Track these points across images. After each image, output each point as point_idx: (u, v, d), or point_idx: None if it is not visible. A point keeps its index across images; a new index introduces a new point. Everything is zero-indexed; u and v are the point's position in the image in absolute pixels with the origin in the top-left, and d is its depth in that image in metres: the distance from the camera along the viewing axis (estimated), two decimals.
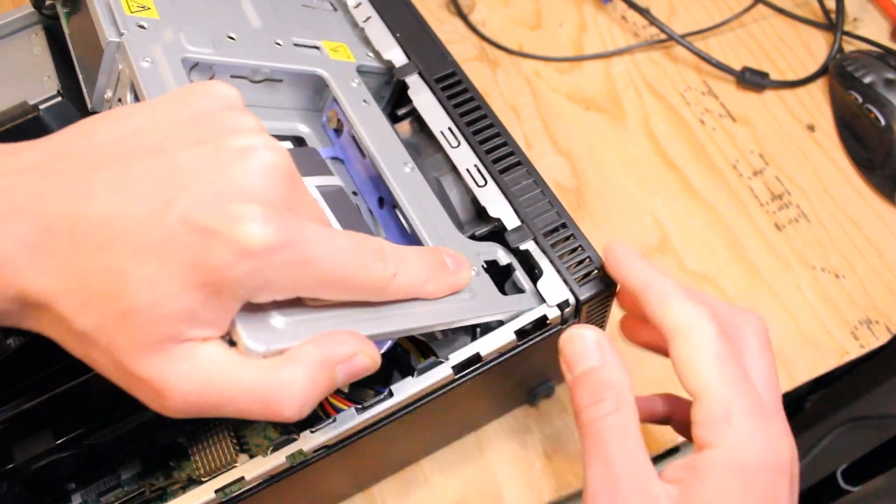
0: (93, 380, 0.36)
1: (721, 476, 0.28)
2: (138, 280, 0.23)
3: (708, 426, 0.29)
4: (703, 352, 0.30)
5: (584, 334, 0.32)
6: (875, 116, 0.54)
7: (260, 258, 0.24)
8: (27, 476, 0.37)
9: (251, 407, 0.26)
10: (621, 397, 0.30)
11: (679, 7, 0.64)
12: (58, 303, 0.24)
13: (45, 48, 0.43)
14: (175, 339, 0.24)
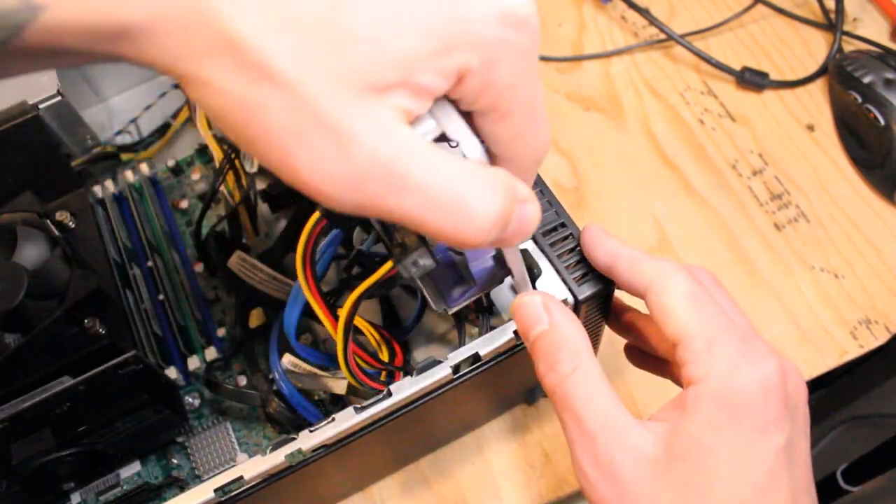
0: (93, 379, 0.37)
1: (708, 408, 0.27)
2: (367, 4, 0.20)
3: (691, 363, 0.28)
4: (678, 296, 0.30)
5: (530, 300, 0.31)
6: (874, 116, 0.54)
7: (514, 28, 0.22)
8: (26, 475, 0.37)
9: (437, 207, 0.22)
10: (576, 354, 0.29)
11: (679, 7, 0.64)
12: (246, 18, 0.20)
13: None
14: (382, 91, 0.21)
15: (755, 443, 0.27)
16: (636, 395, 0.48)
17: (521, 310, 0.31)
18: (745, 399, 0.27)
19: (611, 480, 0.28)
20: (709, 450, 0.27)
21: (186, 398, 0.45)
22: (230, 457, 0.43)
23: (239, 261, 0.43)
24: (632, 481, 0.27)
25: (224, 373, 0.46)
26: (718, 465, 0.26)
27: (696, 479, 0.27)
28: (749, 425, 0.27)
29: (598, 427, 0.28)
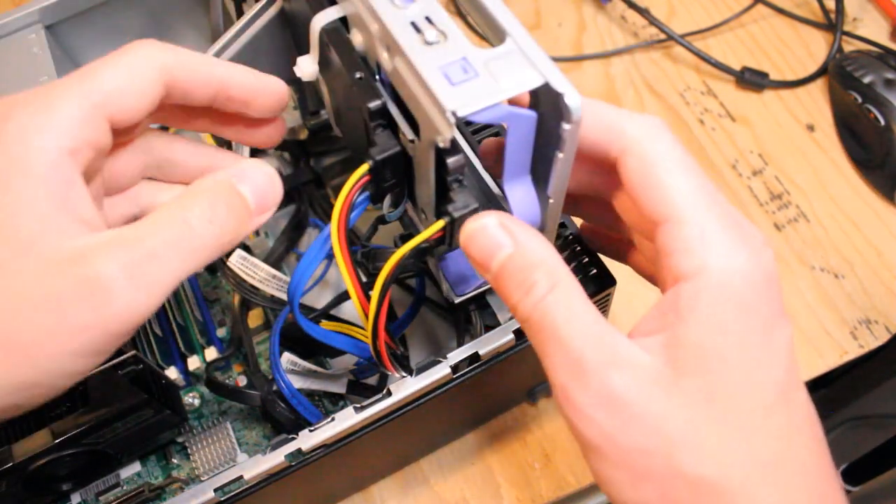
0: (92, 379, 0.37)
1: (709, 309, 0.24)
2: None
3: (683, 253, 0.24)
4: (668, 163, 0.25)
5: (483, 224, 0.26)
6: (874, 116, 0.54)
7: None
8: (26, 475, 0.37)
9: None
10: (553, 271, 0.25)
11: (678, 7, 0.64)
12: None
13: (45, 48, 0.43)
14: None
15: (767, 342, 0.24)
16: None
17: (475, 238, 0.26)
18: (750, 294, 0.24)
19: (610, 408, 0.24)
20: (720, 357, 0.23)
21: (186, 398, 0.45)
22: (230, 457, 0.43)
23: (239, 260, 0.43)
24: (636, 404, 0.23)
25: (224, 373, 0.46)
26: (733, 373, 0.23)
27: (712, 392, 0.23)
28: (757, 323, 0.24)
29: (586, 348, 0.24)
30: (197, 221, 0.25)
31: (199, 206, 0.26)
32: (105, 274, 0.23)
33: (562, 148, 0.26)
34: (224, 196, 0.27)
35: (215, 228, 0.26)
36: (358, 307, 0.33)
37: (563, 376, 0.25)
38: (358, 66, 0.30)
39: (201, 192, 0.27)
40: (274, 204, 0.28)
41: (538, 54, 0.26)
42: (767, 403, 0.24)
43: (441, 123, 0.25)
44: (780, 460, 0.23)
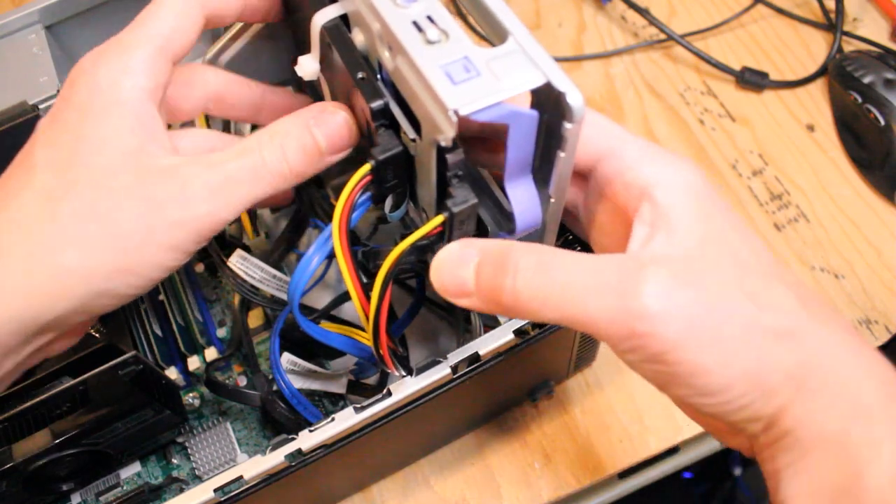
0: (92, 380, 0.37)
1: (691, 203, 0.27)
2: None
3: (637, 166, 0.27)
4: (595, 117, 0.29)
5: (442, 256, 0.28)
6: (874, 116, 0.54)
7: None
8: (26, 475, 0.37)
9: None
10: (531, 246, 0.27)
11: (679, 7, 0.64)
12: None
13: (45, 48, 0.43)
14: None
15: (737, 219, 0.28)
16: (636, 395, 0.48)
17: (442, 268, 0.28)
18: (705, 188, 0.27)
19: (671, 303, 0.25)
20: (720, 239, 0.26)
21: (186, 398, 0.45)
22: (230, 457, 0.43)
23: (239, 260, 0.43)
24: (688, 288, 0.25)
25: (224, 373, 0.46)
26: (738, 246, 0.26)
27: (732, 263, 0.26)
28: (724, 208, 0.27)
29: (610, 269, 0.25)
30: (270, 157, 0.30)
31: (275, 143, 0.30)
32: (193, 184, 0.29)
33: (563, 147, 0.26)
34: (297, 137, 0.31)
35: (284, 165, 0.31)
36: (358, 307, 0.33)
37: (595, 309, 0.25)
38: (360, 66, 0.30)
39: (279, 132, 0.31)
40: (346, 146, 0.32)
41: (540, 54, 0.26)
42: (769, 262, 0.27)
43: (443, 122, 0.25)
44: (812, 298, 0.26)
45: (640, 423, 0.47)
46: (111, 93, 0.30)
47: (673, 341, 0.24)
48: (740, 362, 0.25)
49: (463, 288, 0.27)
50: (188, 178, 0.29)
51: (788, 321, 0.25)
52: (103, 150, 0.29)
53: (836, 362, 0.25)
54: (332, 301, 0.43)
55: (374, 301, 0.31)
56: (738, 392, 0.25)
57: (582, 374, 0.49)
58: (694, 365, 0.25)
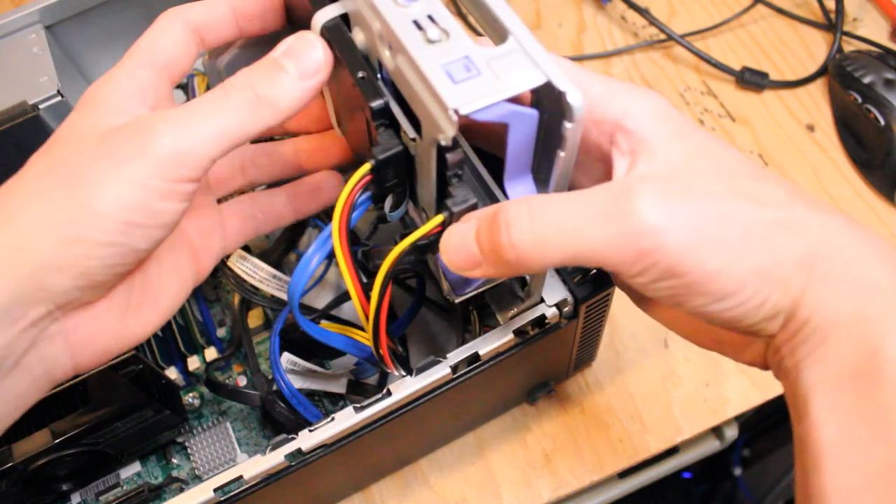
0: (92, 379, 0.37)
1: (666, 125, 0.27)
2: None
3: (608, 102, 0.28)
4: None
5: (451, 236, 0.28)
6: (874, 116, 0.54)
7: None
8: (26, 475, 0.37)
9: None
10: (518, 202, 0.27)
11: (679, 7, 0.64)
12: None
13: (45, 48, 0.43)
14: None
15: (710, 135, 0.28)
16: (636, 395, 0.48)
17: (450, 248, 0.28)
18: (672, 111, 0.28)
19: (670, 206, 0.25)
20: (701, 151, 0.27)
21: (186, 398, 0.45)
22: (230, 457, 0.43)
23: (239, 260, 0.43)
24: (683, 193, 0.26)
25: (224, 373, 0.46)
26: (720, 154, 0.27)
27: (719, 171, 0.27)
28: (696, 126, 0.28)
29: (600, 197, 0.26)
30: (234, 84, 0.30)
31: (239, 75, 0.30)
32: (153, 122, 0.29)
33: (563, 146, 0.26)
34: (263, 64, 0.30)
35: (249, 91, 0.30)
36: (358, 307, 0.33)
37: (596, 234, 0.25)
38: (360, 65, 0.30)
39: (246, 68, 0.30)
40: (318, 70, 0.30)
41: (540, 53, 0.26)
42: (748, 165, 0.28)
43: (443, 121, 0.25)
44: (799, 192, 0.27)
45: (640, 423, 0.47)
46: (92, 96, 0.31)
47: (681, 251, 0.25)
48: (750, 258, 0.25)
49: (472, 259, 0.28)
50: (148, 119, 0.29)
51: (787, 213, 0.26)
52: (77, 126, 0.30)
53: (840, 246, 0.26)
54: (332, 301, 0.43)
55: (373, 301, 0.31)
56: (753, 289, 0.25)
57: (582, 374, 0.49)
58: (706, 269, 0.25)
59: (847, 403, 0.24)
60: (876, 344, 0.24)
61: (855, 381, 0.24)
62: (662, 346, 0.49)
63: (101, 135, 0.29)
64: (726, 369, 0.49)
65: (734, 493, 0.87)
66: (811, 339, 0.25)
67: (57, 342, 0.30)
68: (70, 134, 0.30)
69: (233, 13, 0.34)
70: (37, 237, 0.27)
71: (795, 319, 0.26)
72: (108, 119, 0.29)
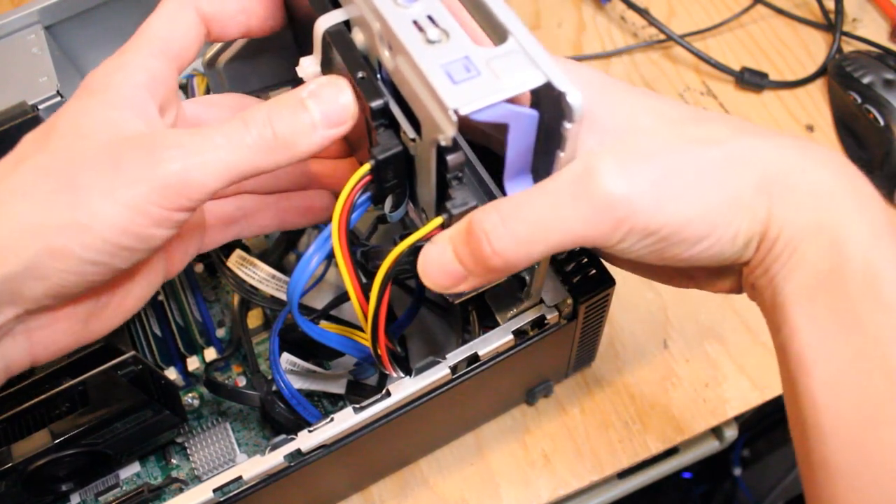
0: (92, 380, 0.37)
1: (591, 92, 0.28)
2: None
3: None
4: None
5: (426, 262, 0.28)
6: (874, 117, 0.54)
7: None
8: (25, 476, 0.37)
9: None
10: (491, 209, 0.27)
11: (678, 7, 0.64)
12: None
13: (44, 48, 0.43)
14: None
15: (643, 90, 0.30)
16: (636, 395, 0.48)
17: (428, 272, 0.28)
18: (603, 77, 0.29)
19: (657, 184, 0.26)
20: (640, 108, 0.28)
21: (186, 398, 0.45)
22: (229, 457, 0.43)
23: (239, 260, 0.43)
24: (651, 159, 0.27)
25: (224, 373, 0.46)
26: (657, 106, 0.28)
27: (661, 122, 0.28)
28: (627, 86, 0.29)
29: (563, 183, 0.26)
30: (252, 120, 0.28)
31: (261, 110, 0.29)
32: (164, 142, 0.27)
33: (563, 147, 0.26)
34: (287, 104, 0.29)
35: (268, 130, 0.28)
36: (357, 308, 0.33)
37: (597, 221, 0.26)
38: (360, 66, 0.30)
39: (271, 101, 0.29)
40: (344, 120, 0.29)
41: (540, 53, 0.26)
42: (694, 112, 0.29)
43: (443, 122, 0.25)
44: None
45: (639, 423, 0.47)
46: (102, 81, 0.29)
47: (650, 210, 0.26)
48: (712, 197, 0.26)
49: (456, 276, 0.28)
50: (161, 137, 0.28)
51: (735, 146, 0.27)
52: (82, 119, 0.28)
53: (791, 164, 0.27)
54: (331, 301, 0.43)
55: (372, 302, 0.31)
56: (723, 224, 0.27)
57: (581, 374, 0.49)
58: (677, 220, 0.26)
59: (820, 304, 0.26)
60: (839, 244, 0.26)
61: (825, 282, 0.26)
62: (662, 347, 0.49)
63: (108, 141, 0.28)
64: (726, 370, 0.49)
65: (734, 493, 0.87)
66: (783, 253, 0.27)
67: (19, 340, 0.30)
68: (74, 127, 0.28)
69: (243, 10, 0.33)
70: (21, 241, 0.26)
71: (767, 239, 0.27)
72: (117, 116, 0.28)
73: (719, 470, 0.87)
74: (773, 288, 0.28)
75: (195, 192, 0.28)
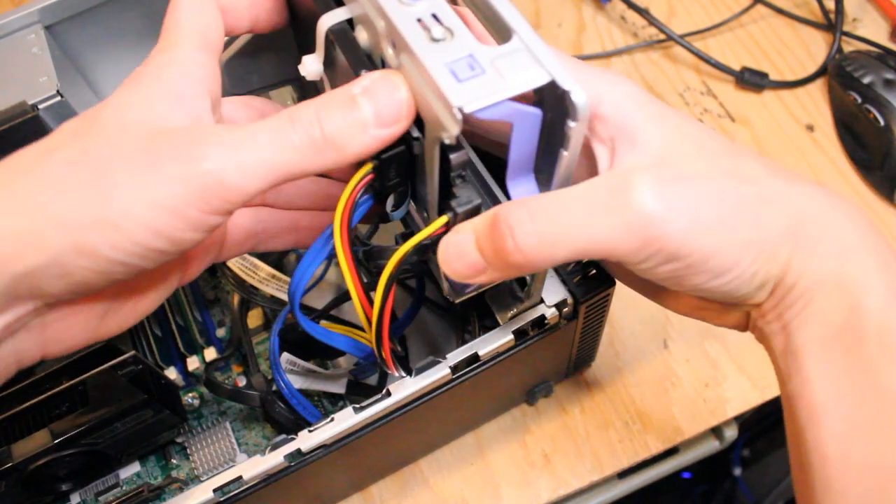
0: (91, 379, 0.37)
1: (644, 109, 0.28)
2: None
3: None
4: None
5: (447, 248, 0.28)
6: (874, 117, 0.54)
7: None
8: (25, 475, 0.37)
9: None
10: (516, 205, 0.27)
11: (678, 7, 0.64)
12: None
13: (44, 48, 0.43)
14: None
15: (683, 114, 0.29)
16: (636, 395, 0.48)
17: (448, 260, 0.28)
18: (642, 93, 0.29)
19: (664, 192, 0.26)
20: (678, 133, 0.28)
21: (186, 398, 0.45)
22: (229, 457, 0.43)
23: (239, 260, 0.43)
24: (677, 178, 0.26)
25: (224, 373, 0.46)
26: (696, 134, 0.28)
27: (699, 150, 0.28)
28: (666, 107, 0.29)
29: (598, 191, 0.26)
30: (300, 118, 0.27)
31: (310, 107, 0.27)
32: (205, 140, 0.26)
33: (567, 146, 0.26)
34: (338, 102, 0.27)
35: (316, 128, 0.27)
36: (358, 308, 0.32)
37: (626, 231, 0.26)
38: (363, 64, 0.29)
39: (320, 98, 0.27)
40: (398, 119, 0.27)
41: (544, 52, 0.26)
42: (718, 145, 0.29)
43: (447, 120, 0.25)
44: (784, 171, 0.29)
45: (639, 424, 0.47)
46: (154, 74, 0.28)
47: (682, 235, 0.26)
48: (743, 233, 0.26)
49: (475, 267, 0.28)
50: (201, 134, 0.26)
51: (768, 187, 0.27)
52: (125, 111, 0.27)
53: (818, 213, 0.27)
54: (332, 301, 0.43)
55: (377, 303, 0.31)
56: (747, 262, 0.26)
57: (582, 375, 0.49)
58: (705, 250, 0.26)
59: (835, 358, 0.26)
60: (857, 300, 0.26)
61: (840, 336, 0.26)
62: (662, 347, 0.49)
63: (147, 135, 0.26)
64: (726, 370, 0.49)
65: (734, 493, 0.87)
66: (798, 302, 0.27)
67: (34, 333, 0.29)
68: (116, 119, 0.27)
69: (254, 3, 0.32)
70: (47, 235, 0.25)
71: (783, 285, 0.27)
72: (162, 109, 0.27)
73: (719, 470, 0.86)
74: (785, 335, 0.27)
75: (234, 193, 0.26)
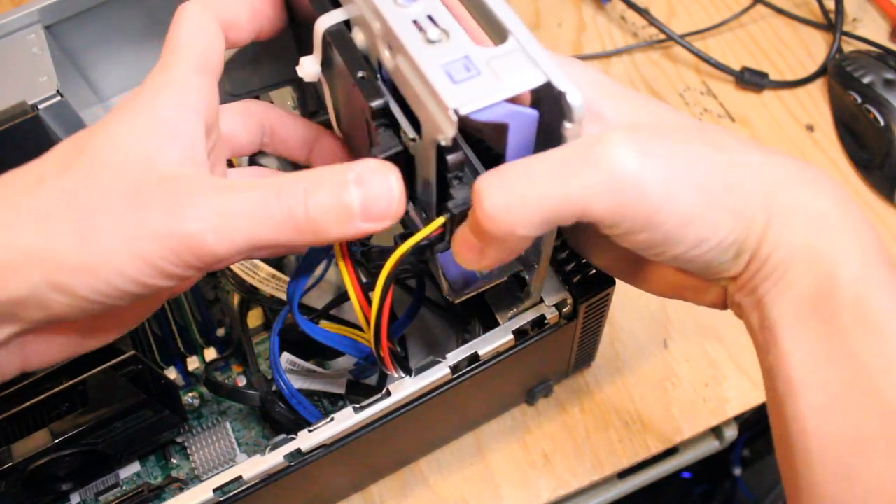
0: (91, 379, 0.37)
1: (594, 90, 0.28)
2: None
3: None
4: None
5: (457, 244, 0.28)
6: (874, 116, 0.54)
7: None
8: (25, 475, 0.37)
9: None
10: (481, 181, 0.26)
11: (678, 7, 0.64)
12: None
13: (44, 48, 0.43)
14: None
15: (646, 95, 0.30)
16: (636, 395, 0.48)
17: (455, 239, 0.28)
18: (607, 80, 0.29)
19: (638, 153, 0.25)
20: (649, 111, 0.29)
21: (186, 398, 0.45)
22: (229, 457, 0.43)
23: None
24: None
25: (224, 373, 0.46)
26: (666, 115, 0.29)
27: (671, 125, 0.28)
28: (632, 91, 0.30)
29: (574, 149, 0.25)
30: (286, 194, 0.26)
31: (298, 185, 0.26)
32: (190, 199, 0.26)
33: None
34: (328, 186, 0.26)
35: (301, 209, 0.26)
36: (357, 308, 0.33)
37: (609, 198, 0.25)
38: (360, 66, 0.30)
39: (309, 175, 0.27)
40: (387, 217, 0.27)
41: (540, 53, 0.26)
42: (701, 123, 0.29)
43: (443, 121, 0.25)
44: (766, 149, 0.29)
45: (639, 423, 0.47)
46: (148, 101, 0.28)
47: (659, 196, 0.25)
48: (721, 200, 0.26)
49: (473, 248, 0.27)
50: (187, 191, 0.26)
51: (744, 156, 0.27)
52: (117, 148, 0.27)
53: (794, 185, 0.27)
54: (331, 301, 0.43)
55: (375, 303, 0.31)
56: (726, 230, 0.26)
57: (581, 374, 0.49)
58: (683, 215, 0.25)
59: (810, 330, 0.26)
60: (831, 270, 0.26)
61: (815, 307, 0.26)
62: (662, 347, 0.49)
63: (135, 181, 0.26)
64: (726, 370, 0.49)
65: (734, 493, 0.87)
66: (773, 274, 0.27)
67: (14, 351, 0.29)
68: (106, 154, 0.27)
69: (256, 15, 0.32)
70: (26, 268, 0.25)
71: (758, 257, 0.27)
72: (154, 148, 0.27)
73: (719, 470, 0.86)
74: (761, 309, 0.27)
75: (210, 257, 0.26)
